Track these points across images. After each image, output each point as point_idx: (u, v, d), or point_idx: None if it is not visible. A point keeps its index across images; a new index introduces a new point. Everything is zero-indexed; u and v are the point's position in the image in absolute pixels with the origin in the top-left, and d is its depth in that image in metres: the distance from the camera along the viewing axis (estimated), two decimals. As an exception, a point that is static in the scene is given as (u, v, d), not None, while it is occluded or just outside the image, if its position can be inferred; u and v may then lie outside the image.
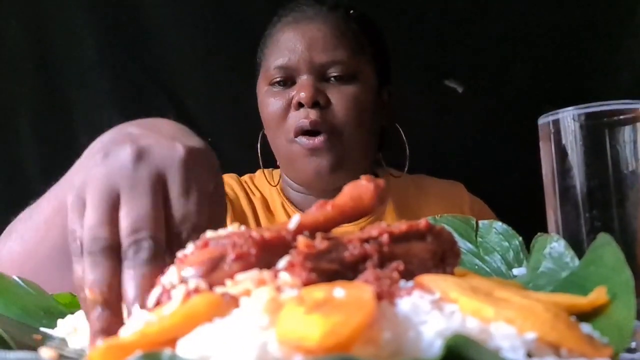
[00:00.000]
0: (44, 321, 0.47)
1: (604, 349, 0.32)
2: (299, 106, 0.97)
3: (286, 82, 1.01)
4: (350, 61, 1.00)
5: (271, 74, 1.01)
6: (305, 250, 0.37)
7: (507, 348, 0.31)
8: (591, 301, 0.37)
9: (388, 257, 0.40)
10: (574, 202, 0.54)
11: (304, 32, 1.00)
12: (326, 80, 0.99)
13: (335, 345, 0.28)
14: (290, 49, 1.00)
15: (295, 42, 1.00)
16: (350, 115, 0.98)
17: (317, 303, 0.31)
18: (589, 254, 0.44)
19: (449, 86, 1.20)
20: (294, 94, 0.98)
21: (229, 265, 0.37)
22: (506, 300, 0.35)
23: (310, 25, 1.01)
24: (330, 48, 0.99)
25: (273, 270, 0.37)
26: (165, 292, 0.37)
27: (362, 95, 1.00)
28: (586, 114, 0.54)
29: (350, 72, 1.00)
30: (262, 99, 1.04)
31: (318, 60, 0.98)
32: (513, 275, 0.55)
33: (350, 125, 0.98)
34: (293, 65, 0.99)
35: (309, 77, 0.98)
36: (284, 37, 1.01)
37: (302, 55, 0.99)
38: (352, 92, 0.99)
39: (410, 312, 0.33)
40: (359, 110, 0.99)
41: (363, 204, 0.43)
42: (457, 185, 1.16)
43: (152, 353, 0.29)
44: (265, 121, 1.04)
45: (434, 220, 0.62)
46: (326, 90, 0.99)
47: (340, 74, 0.99)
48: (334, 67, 0.98)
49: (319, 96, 0.97)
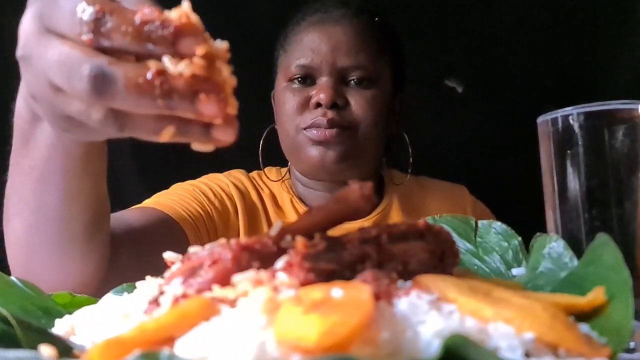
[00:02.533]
0: (43, 321, 0.47)
1: (602, 349, 0.32)
2: (317, 106, 0.98)
3: (305, 80, 1.01)
4: (372, 66, 1.01)
5: (292, 71, 1.02)
6: (304, 250, 0.37)
7: (505, 348, 0.31)
8: (590, 301, 0.37)
9: (386, 257, 0.40)
10: (573, 202, 0.54)
11: (329, 34, 1.00)
12: (346, 83, 1.00)
13: (333, 345, 0.28)
14: (314, 49, 1.00)
15: (319, 43, 1.00)
16: (366, 115, 0.99)
17: (315, 303, 0.31)
18: (587, 254, 0.44)
19: (448, 86, 1.20)
20: (314, 94, 0.99)
21: (205, 271, 0.38)
22: (505, 300, 0.35)
23: (335, 28, 1.01)
24: (354, 52, 1.00)
25: (271, 270, 0.37)
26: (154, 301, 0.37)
27: (379, 99, 1.01)
28: (586, 113, 0.54)
29: (371, 77, 1.00)
30: (280, 94, 1.05)
31: (340, 64, 0.99)
32: (512, 275, 0.55)
33: (365, 124, 0.99)
34: (315, 66, 1.00)
35: (330, 79, 0.99)
36: (308, 37, 1.02)
37: (325, 57, 0.99)
38: (370, 95, 1.00)
39: (409, 312, 0.33)
40: (375, 113, 1.00)
41: (349, 205, 0.42)
42: (460, 187, 1.17)
43: (151, 353, 0.29)
44: (280, 115, 1.05)
45: (432, 220, 0.62)
46: (345, 92, 1.00)
47: (360, 79, 0.99)
48: (355, 71, 0.99)
49: (338, 98, 0.98)
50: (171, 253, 0.43)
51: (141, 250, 0.77)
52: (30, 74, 0.42)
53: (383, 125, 1.03)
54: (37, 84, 0.41)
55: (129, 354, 0.29)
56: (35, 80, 0.41)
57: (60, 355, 0.31)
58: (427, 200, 1.13)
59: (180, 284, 0.38)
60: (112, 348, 0.31)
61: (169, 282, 0.39)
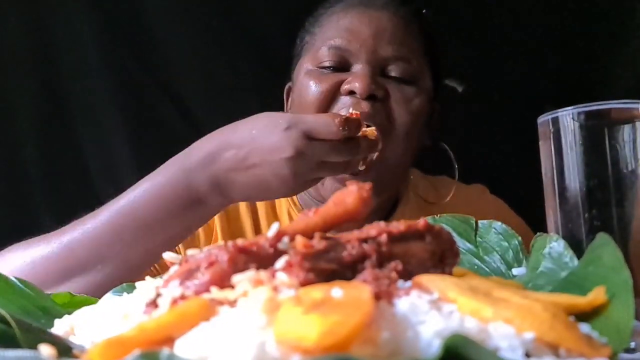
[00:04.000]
0: (42, 321, 0.47)
1: (602, 349, 0.32)
2: (349, 93, 0.85)
3: (337, 67, 0.89)
4: (414, 62, 0.90)
5: (322, 54, 0.89)
6: (304, 250, 0.37)
7: (505, 348, 0.31)
8: (590, 301, 0.37)
9: (387, 257, 0.40)
10: (574, 202, 0.54)
11: (372, 18, 0.89)
12: (384, 76, 0.88)
13: (333, 345, 0.28)
14: (353, 31, 0.88)
15: (360, 26, 0.88)
16: (405, 114, 0.87)
17: (315, 303, 0.31)
18: (588, 254, 0.44)
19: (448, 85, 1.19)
20: (349, 80, 0.86)
21: (202, 273, 0.38)
22: (505, 300, 0.35)
23: (379, 13, 0.90)
24: (398, 42, 0.88)
25: (271, 270, 0.37)
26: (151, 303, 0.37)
27: (420, 101, 0.90)
28: (586, 113, 0.54)
29: (412, 73, 0.89)
30: (303, 79, 0.90)
31: (382, 52, 0.87)
32: (512, 275, 0.55)
33: (404, 125, 0.87)
34: (352, 50, 0.87)
35: (367, 67, 0.86)
36: (346, 18, 0.90)
37: (365, 42, 0.87)
38: (412, 93, 0.89)
39: (409, 312, 0.33)
40: (416, 114, 0.88)
41: (346, 208, 0.42)
42: (481, 190, 1.10)
43: (151, 352, 0.29)
44: (302, 105, 0.90)
45: (433, 220, 0.62)
46: (385, 84, 0.88)
47: (401, 73, 0.88)
48: (396, 64, 0.88)
49: (377, 89, 0.85)
50: (170, 253, 0.43)
51: None
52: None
53: (418, 135, 0.91)
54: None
55: (129, 354, 0.29)
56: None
57: (59, 355, 0.31)
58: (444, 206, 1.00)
59: (177, 285, 0.38)
60: (112, 348, 0.31)
61: (166, 284, 0.39)
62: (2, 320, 0.37)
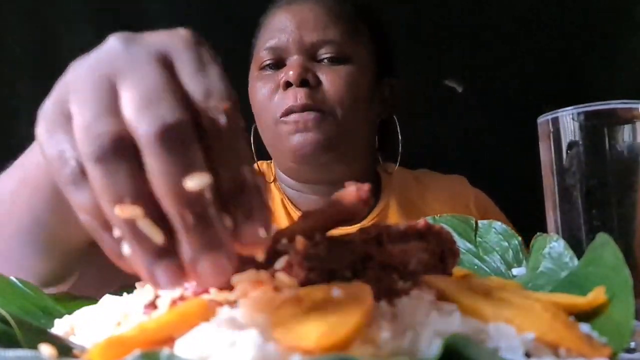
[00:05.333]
0: (43, 321, 0.47)
1: (602, 349, 0.32)
2: (286, 86, 0.92)
3: (276, 65, 0.97)
4: (343, 42, 0.96)
5: (261, 56, 0.97)
6: (304, 250, 0.37)
7: (505, 348, 0.31)
8: (590, 301, 0.37)
9: (387, 257, 0.40)
10: (574, 202, 0.54)
11: (295, 13, 0.97)
12: (318, 61, 0.95)
13: (333, 345, 0.28)
14: (281, 29, 0.96)
15: (285, 22, 0.96)
16: (342, 94, 0.93)
17: (315, 303, 0.31)
18: (588, 254, 0.44)
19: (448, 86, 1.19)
20: (282, 75, 0.93)
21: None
22: (505, 300, 0.35)
23: (302, 6, 0.98)
24: (321, 27, 0.95)
25: (271, 270, 0.37)
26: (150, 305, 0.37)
27: (355, 76, 0.95)
28: (586, 113, 0.54)
29: (343, 53, 0.95)
30: (252, 84, 0.99)
31: (308, 40, 0.95)
32: (512, 275, 0.55)
33: (342, 105, 0.93)
34: (282, 46, 0.96)
35: (299, 57, 0.94)
36: (275, 19, 0.98)
37: (292, 35, 0.95)
38: (344, 71, 0.94)
39: (409, 312, 0.33)
40: (351, 91, 0.94)
41: (345, 209, 0.42)
42: (460, 179, 1.13)
43: (151, 352, 0.29)
44: (254, 107, 0.99)
45: (432, 219, 0.62)
46: (317, 70, 0.94)
47: (331, 55, 0.94)
48: (325, 47, 0.95)
49: (307, 74, 0.92)
50: None
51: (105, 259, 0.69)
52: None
53: (366, 109, 0.97)
54: None
55: (129, 354, 0.29)
56: None
57: (60, 355, 0.31)
58: (426, 197, 1.08)
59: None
60: (113, 347, 0.31)
61: None
62: (2, 320, 0.37)
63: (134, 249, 0.30)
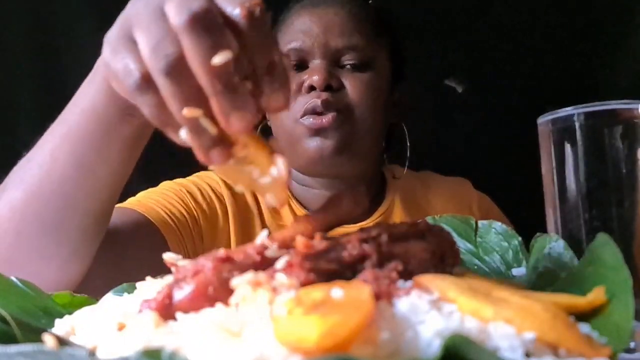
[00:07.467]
0: (43, 321, 0.47)
1: (602, 349, 0.32)
2: (310, 89, 0.93)
3: (299, 66, 0.97)
4: (366, 48, 0.97)
5: None
6: (304, 251, 0.37)
7: (505, 348, 0.31)
8: (590, 301, 0.37)
9: (387, 257, 0.40)
10: (574, 202, 0.54)
11: (321, 16, 0.97)
12: (340, 66, 0.96)
13: (333, 345, 0.28)
14: (305, 32, 0.96)
15: (310, 25, 0.97)
16: (363, 98, 0.95)
17: (315, 303, 0.31)
18: (588, 254, 0.44)
19: (449, 86, 1.19)
20: (306, 78, 0.94)
21: (187, 283, 0.38)
22: (505, 300, 0.35)
23: (327, 10, 0.98)
24: (347, 33, 0.96)
25: (270, 271, 0.37)
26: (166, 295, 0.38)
27: (376, 82, 0.97)
28: (586, 113, 0.54)
29: (366, 59, 0.97)
30: None
31: (334, 45, 0.95)
32: (512, 275, 0.55)
33: (362, 107, 0.95)
34: (307, 49, 0.96)
35: (323, 62, 0.95)
36: (299, 20, 0.98)
37: (317, 39, 0.96)
38: (367, 78, 0.96)
39: (409, 312, 0.33)
40: (372, 96, 0.96)
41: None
42: (464, 182, 1.14)
43: (153, 350, 0.29)
44: None
45: (433, 220, 0.62)
46: (340, 75, 0.95)
47: (355, 61, 0.96)
48: (349, 54, 0.96)
49: (331, 80, 0.93)
50: (171, 254, 0.43)
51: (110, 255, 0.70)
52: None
53: (381, 113, 0.99)
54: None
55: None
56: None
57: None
58: (430, 198, 1.09)
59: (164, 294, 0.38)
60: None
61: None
62: (2, 320, 0.37)
63: (195, 138, 0.40)
